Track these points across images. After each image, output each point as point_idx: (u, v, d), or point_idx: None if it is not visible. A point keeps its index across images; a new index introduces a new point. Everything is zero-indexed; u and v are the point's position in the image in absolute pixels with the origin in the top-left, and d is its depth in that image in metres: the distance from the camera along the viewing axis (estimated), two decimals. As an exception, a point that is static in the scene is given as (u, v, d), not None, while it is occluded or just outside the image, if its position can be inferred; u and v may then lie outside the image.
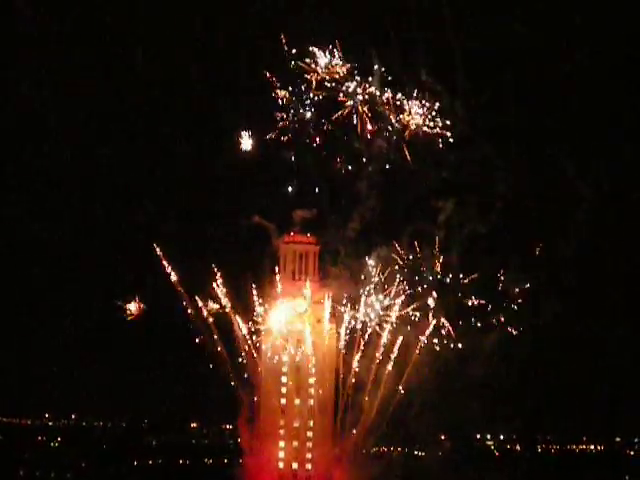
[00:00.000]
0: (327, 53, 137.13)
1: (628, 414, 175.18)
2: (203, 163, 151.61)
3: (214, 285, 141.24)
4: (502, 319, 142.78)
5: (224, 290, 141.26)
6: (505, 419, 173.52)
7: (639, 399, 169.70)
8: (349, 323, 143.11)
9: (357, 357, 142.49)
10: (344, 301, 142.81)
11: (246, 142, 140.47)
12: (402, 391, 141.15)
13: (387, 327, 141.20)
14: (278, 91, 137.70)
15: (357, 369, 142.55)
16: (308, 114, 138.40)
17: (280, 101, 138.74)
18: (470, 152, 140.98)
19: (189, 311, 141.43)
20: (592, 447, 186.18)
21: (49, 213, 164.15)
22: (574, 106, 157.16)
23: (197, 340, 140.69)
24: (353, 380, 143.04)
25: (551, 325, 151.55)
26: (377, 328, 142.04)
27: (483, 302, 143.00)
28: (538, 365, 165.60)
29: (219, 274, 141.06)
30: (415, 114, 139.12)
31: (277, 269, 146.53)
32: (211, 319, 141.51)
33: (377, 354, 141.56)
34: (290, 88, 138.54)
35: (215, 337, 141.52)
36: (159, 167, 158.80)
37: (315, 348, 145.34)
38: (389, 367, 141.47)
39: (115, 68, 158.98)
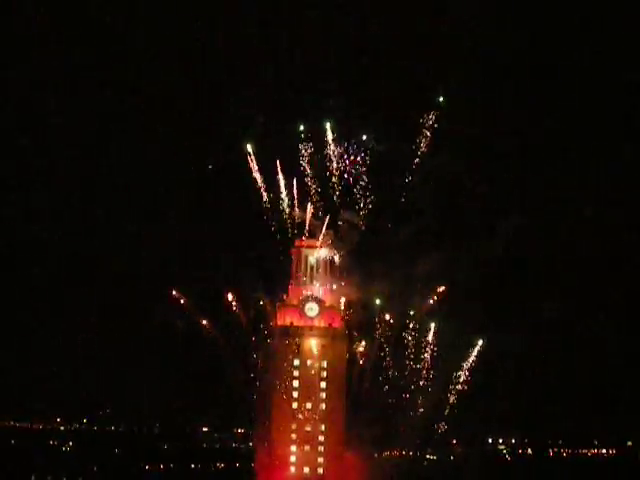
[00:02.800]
0: None
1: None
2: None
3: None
4: None
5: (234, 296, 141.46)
6: (513, 423, 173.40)
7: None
8: (362, 329, 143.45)
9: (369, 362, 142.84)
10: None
11: None
12: (413, 395, 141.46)
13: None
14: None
15: (368, 373, 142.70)
16: None
17: None
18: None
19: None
20: (604, 451, 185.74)
21: (49, 213, 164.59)
22: (574, 107, 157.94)
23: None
24: (365, 384, 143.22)
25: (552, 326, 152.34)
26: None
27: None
28: (546, 368, 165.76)
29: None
30: None
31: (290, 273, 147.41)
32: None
33: (388, 358, 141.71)
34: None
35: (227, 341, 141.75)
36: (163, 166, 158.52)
37: (326, 353, 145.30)
38: (401, 371, 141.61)
39: (115, 68, 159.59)
